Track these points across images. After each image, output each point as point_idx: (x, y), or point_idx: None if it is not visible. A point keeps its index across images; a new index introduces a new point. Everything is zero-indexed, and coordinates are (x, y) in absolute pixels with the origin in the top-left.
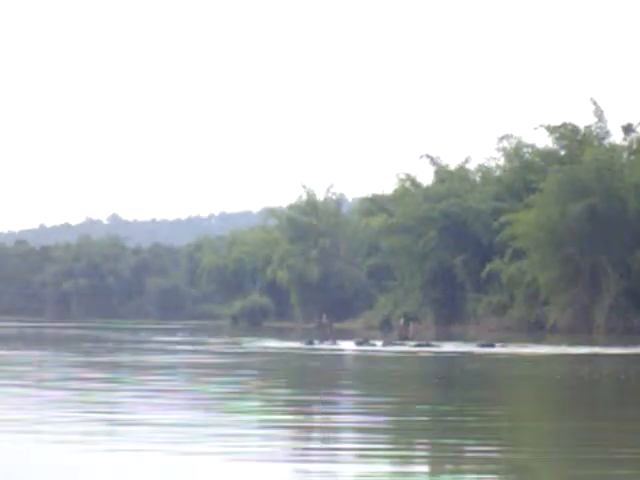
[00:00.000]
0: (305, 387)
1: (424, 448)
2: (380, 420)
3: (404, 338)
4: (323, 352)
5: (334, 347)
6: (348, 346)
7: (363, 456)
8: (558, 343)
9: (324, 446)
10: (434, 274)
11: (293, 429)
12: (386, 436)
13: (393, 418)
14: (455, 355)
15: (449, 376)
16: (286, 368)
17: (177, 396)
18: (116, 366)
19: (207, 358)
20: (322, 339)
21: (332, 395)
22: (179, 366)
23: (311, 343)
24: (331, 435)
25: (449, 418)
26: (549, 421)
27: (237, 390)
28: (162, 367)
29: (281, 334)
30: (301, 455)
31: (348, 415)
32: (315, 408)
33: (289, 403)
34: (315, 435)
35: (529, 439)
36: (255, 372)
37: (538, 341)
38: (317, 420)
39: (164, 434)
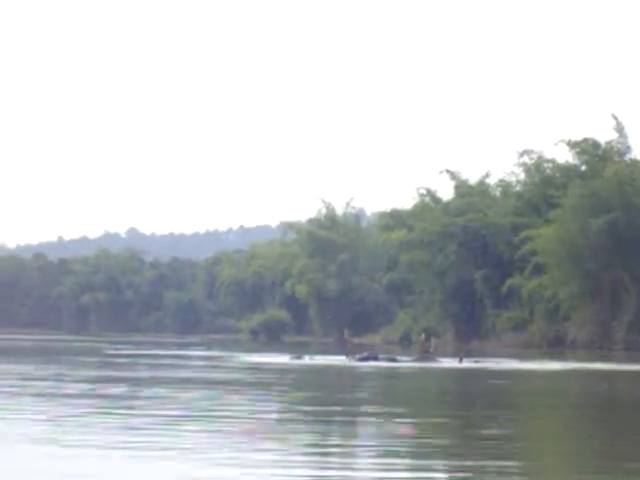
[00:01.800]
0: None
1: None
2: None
3: (425, 353)
4: (317, 367)
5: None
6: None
7: None
8: (568, 359)
9: None
10: (454, 289)
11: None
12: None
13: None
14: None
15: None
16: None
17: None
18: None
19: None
20: (346, 355)
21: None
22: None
23: (299, 358)
24: None
25: None
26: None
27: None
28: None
29: (297, 348)
30: None
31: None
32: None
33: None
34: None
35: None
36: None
37: (555, 357)
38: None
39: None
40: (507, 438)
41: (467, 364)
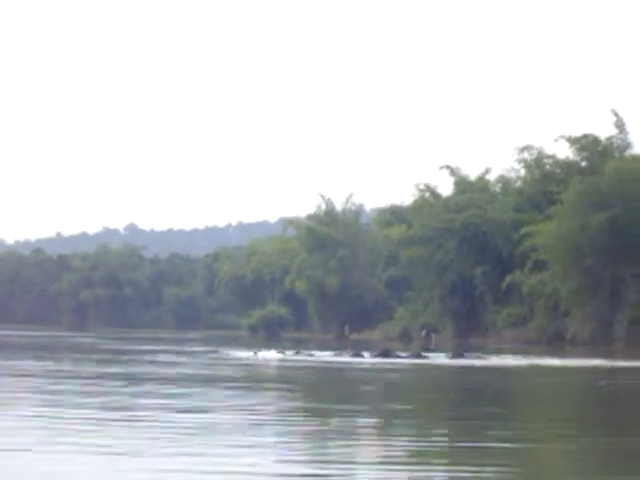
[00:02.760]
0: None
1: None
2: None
3: (426, 349)
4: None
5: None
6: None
7: None
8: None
9: None
10: (453, 285)
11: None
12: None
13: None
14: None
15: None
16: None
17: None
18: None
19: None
20: (344, 350)
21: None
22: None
23: (282, 353)
24: None
25: None
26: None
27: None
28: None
29: (295, 344)
30: None
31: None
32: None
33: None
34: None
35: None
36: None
37: (555, 353)
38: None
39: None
40: (506, 440)
41: (460, 360)
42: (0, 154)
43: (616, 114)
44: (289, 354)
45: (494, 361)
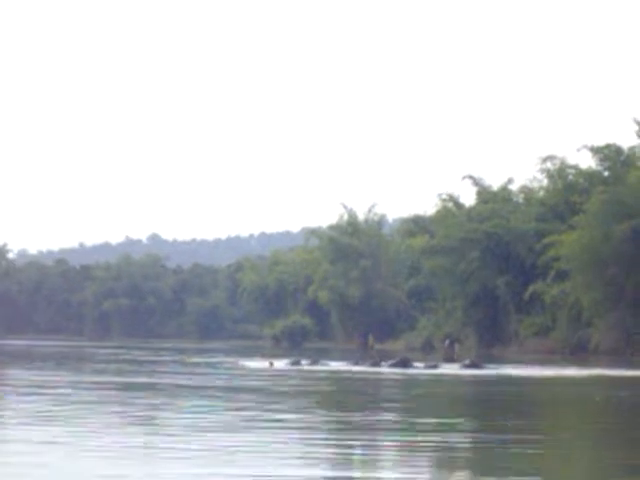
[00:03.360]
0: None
1: None
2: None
3: (449, 359)
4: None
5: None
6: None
7: None
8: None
9: None
10: (476, 295)
11: None
12: None
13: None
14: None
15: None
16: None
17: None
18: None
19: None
20: (370, 360)
21: None
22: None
23: (298, 363)
24: None
25: None
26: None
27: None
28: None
29: (318, 354)
30: None
31: None
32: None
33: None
34: None
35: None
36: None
37: (577, 363)
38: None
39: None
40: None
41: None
42: (23, 165)
43: (638, 123)
44: (305, 364)
45: (509, 371)
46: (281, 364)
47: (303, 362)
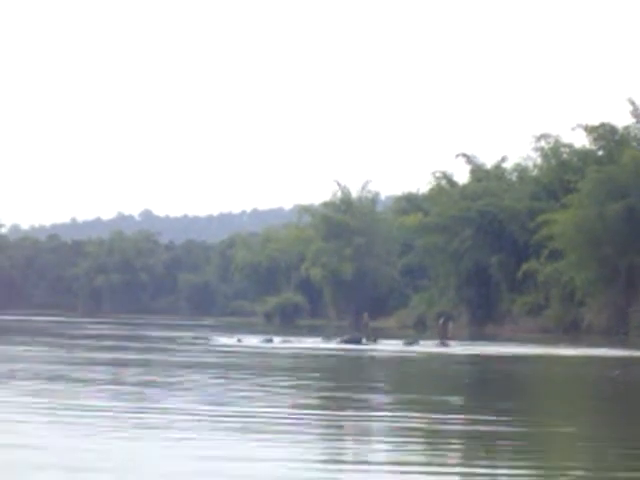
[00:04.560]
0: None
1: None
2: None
3: (443, 337)
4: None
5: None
6: (394, 346)
7: None
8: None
9: None
10: (469, 274)
11: None
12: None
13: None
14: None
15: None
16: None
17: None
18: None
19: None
20: (366, 338)
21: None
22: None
23: (270, 341)
24: None
25: None
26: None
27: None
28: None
29: (313, 331)
30: None
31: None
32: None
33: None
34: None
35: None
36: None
37: (570, 342)
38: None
39: None
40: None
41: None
42: (15, 140)
43: (633, 103)
44: (277, 341)
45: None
46: (253, 341)
47: (275, 339)
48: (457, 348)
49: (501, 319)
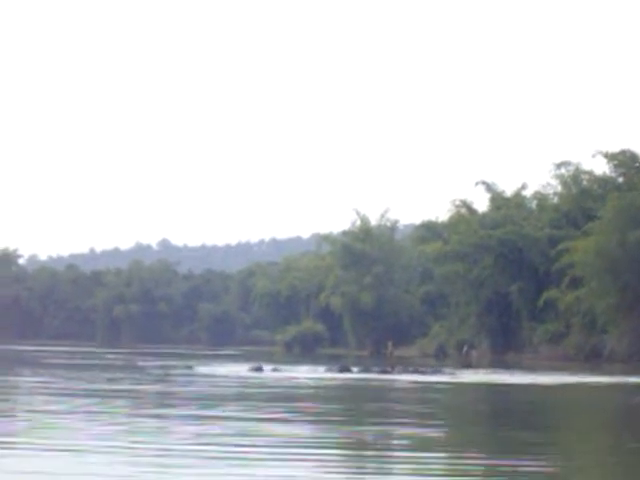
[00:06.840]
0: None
1: None
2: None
3: (467, 365)
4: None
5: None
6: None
7: None
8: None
9: None
10: (489, 302)
11: None
12: None
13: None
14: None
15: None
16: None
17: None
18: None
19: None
20: (389, 367)
21: None
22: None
23: (259, 370)
24: None
25: None
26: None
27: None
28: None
29: (332, 361)
30: None
31: None
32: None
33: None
34: None
35: None
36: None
37: (592, 370)
38: None
39: None
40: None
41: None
42: (33, 171)
43: None
44: (267, 370)
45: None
46: (242, 370)
47: (265, 368)
48: (473, 377)
49: (522, 347)
